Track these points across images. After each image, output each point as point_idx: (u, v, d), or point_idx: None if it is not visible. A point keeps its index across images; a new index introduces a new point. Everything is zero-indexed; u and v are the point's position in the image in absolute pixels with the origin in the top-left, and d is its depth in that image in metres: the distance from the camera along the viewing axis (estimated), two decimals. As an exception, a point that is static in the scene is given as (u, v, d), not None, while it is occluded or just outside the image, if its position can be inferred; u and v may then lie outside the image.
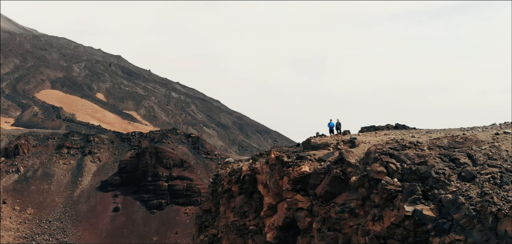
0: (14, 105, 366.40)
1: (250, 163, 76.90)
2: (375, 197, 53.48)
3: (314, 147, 68.85)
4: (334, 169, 59.73)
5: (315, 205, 60.78)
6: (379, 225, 52.38)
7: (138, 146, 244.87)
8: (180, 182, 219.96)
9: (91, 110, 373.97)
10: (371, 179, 54.24)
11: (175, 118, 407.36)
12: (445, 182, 49.29)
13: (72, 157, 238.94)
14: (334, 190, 59.38)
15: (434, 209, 47.89)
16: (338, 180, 59.02)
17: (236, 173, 77.56)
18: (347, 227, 56.39)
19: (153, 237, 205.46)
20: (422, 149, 55.08)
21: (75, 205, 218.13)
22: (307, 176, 62.53)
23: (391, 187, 51.36)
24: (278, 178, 65.58)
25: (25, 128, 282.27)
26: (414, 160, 53.02)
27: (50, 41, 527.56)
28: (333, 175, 59.36)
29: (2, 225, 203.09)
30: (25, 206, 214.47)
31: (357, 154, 60.82)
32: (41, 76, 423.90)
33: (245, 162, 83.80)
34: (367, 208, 55.28)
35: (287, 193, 63.42)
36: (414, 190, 49.39)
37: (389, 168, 53.69)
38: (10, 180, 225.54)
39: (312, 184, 61.99)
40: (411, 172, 51.83)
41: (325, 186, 59.91)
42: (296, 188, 63.10)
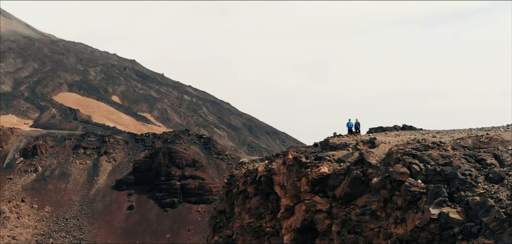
0: (33, 107, 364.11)
1: (266, 164, 72.80)
2: (397, 199, 49.55)
3: (332, 147, 64.74)
4: (354, 170, 55.77)
5: (334, 207, 56.75)
6: (401, 228, 48.22)
7: (152, 146, 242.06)
8: (192, 181, 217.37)
9: (106, 112, 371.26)
10: (393, 180, 50.27)
11: (187, 119, 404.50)
12: (472, 183, 44.91)
13: (88, 157, 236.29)
14: (354, 192, 55.44)
15: (461, 212, 43.46)
16: (358, 182, 55.08)
17: (251, 174, 73.63)
18: (368, 230, 52.40)
19: (166, 234, 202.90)
20: (445, 149, 50.64)
21: (91, 204, 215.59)
22: (326, 177, 58.45)
23: (415, 189, 47.18)
24: (295, 179, 61.47)
25: (43, 129, 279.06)
26: (438, 161, 48.73)
27: (68, 46, 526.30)
28: (353, 176, 55.45)
29: (21, 222, 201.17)
30: (43, 204, 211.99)
31: (377, 155, 56.70)
32: (58, 79, 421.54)
33: (261, 163, 79.81)
34: (389, 211, 51.42)
35: (305, 194, 59.36)
36: (439, 192, 45.03)
37: (412, 169, 49.40)
38: (28, 179, 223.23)
39: (331, 186, 58.10)
40: (435, 173, 47.43)
41: (345, 187, 56.03)
42: (314, 190, 59.04)
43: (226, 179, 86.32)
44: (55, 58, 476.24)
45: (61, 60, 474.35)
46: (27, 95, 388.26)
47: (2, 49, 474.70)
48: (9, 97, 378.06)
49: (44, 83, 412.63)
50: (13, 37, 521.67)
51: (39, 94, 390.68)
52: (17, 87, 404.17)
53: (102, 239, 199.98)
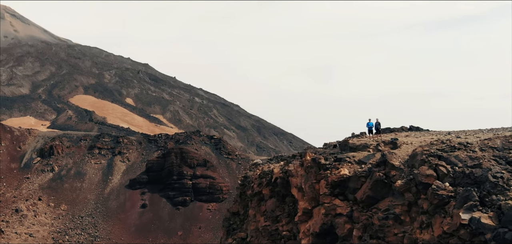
0: (50, 109, 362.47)
1: (282, 166, 67.49)
2: (423, 203, 44.83)
3: (352, 148, 59.77)
4: (376, 172, 51.08)
5: (355, 210, 52.19)
6: (427, 233, 43.68)
7: (164, 147, 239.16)
8: (203, 181, 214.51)
9: (121, 114, 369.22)
10: (419, 183, 45.37)
11: (198, 121, 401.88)
12: (504, 187, 39.99)
13: (103, 157, 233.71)
14: (376, 195, 50.83)
15: (493, 217, 38.60)
16: (380, 184, 50.45)
17: (266, 176, 68.67)
18: (392, 234, 47.65)
19: (178, 232, 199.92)
20: (473, 150, 45.91)
21: (105, 202, 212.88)
22: (347, 179, 53.97)
23: (443, 192, 42.54)
24: (314, 182, 57.06)
25: (59, 130, 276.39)
26: (466, 163, 44.00)
27: (83, 51, 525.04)
28: (375, 178, 50.78)
29: (38, 220, 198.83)
30: (59, 203, 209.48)
31: (400, 156, 52.20)
32: (75, 82, 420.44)
33: (275, 164, 73.84)
34: (413, 215, 46.70)
35: (325, 197, 55.00)
36: (469, 195, 40.28)
37: (439, 171, 44.69)
38: (45, 179, 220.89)
39: (352, 188, 53.50)
40: (464, 176, 42.71)
41: (367, 190, 51.43)
42: (334, 193, 54.56)
43: (240, 180, 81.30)
44: (72, 62, 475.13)
45: (77, 63, 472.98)
46: (45, 97, 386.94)
47: (20, 53, 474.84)
48: (27, 99, 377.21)
49: (61, 86, 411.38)
50: (31, 41, 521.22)
51: (56, 97, 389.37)
52: (35, 89, 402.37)
53: (116, 237, 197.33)
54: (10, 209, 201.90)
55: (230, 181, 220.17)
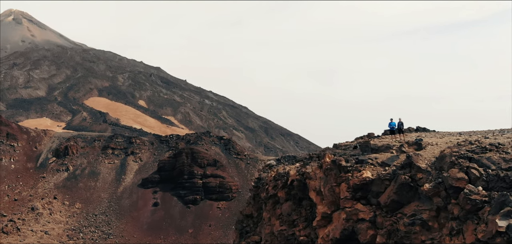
0: (66, 110, 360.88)
1: (299, 167, 61.37)
2: (453, 208, 40.04)
3: (374, 149, 54.62)
4: (401, 175, 45.88)
5: (379, 215, 46.87)
6: (458, 241, 38.89)
7: (176, 147, 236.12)
8: (213, 180, 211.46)
9: (133, 115, 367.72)
10: (449, 187, 40.42)
11: (208, 122, 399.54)
12: (542, 191, 35.25)
13: (116, 157, 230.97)
14: (401, 199, 45.56)
15: (533, 225, 33.79)
16: (406, 188, 45.20)
17: (282, 178, 62.68)
18: (419, 241, 42.69)
19: (189, 229, 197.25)
20: (506, 152, 41.15)
21: (118, 200, 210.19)
22: (369, 182, 48.51)
23: (476, 197, 37.79)
24: (334, 185, 51.54)
25: (74, 131, 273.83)
26: (500, 165, 39.33)
27: (98, 55, 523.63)
28: (400, 181, 45.54)
29: (53, 218, 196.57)
30: (74, 201, 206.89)
31: (426, 158, 47.06)
32: (89, 85, 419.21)
33: (291, 165, 67.59)
34: (442, 220, 41.77)
35: (346, 201, 49.53)
36: (506, 201, 35.42)
37: (470, 174, 39.90)
38: (60, 178, 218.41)
39: (375, 192, 48.16)
40: (498, 179, 38.06)
41: (391, 194, 46.16)
42: (356, 196, 49.03)
43: (253, 182, 75.36)
44: (86, 65, 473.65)
45: (91, 67, 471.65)
46: (60, 99, 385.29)
47: (37, 57, 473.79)
48: (44, 101, 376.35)
49: (76, 89, 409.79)
50: (48, 46, 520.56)
51: (71, 99, 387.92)
52: (51, 92, 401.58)
53: (129, 234, 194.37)
54: (26, 208, 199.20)
55: (239, 180, 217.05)
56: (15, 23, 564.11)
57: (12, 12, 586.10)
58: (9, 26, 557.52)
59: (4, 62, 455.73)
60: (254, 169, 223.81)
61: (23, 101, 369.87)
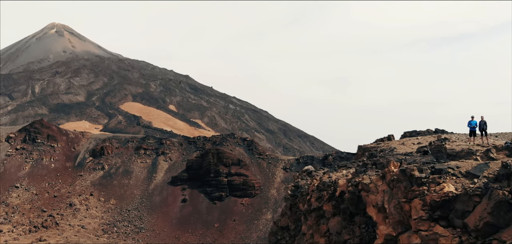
0: (103, 114, 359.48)
1: (350, 177, 46.98)
2: None
3: (450, 155, 42.72)
4: (497, 190, 33.49)
5: (466, 242, 34.22)
6: None
7: (203, 148, 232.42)
8: (237, 178, 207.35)
9: (164, 118, 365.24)
10: None
11: (232, 125, 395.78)
12: None
13: (148, 157, 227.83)
14: (497, 221, 33.09)
15: None
16: (505, 206, 32.80)
17: (328, 188, 49.05)
18: (522, 279, 30.71)
19: (215, 224, 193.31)
20: None
21: (150, 197, 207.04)
22: (453, 199, 35.86)
23: None
24: (403, 201, 38.57)
25: (110, 133, 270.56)
26: None
27: (132, 64, 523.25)
28: (497, 198, 33.13)
29: (89, 213, 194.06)
30: (109, 198, 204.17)
31: (526, 167, 34.43)
32: (124, 91, 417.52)
33: (336, 172, 54.14)
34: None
35: (421, 223, 36.75)
36: None
37: None
38: (96, 176, 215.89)
39: (460, 211, 35.51)
40: None
41: (484, 214, 33.61)
42: (434, 216, 36.44)
43: (290, 190, 59.83)
44: (122, 73, 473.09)
45: (126, 75, 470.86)
46: (98, 104, 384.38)
47: (77, 66, 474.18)
48: (83, 106, 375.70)
49: (112, 94, 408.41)
50: (87, 56, 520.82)
51: (108, 104, 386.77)
52: (89, 97, 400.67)
53: (160, 228, 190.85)
54: (65, 204, 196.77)
55: (261, 178, 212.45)
56: (58, 35, 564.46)
57: (55, 26, 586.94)
58: (52, 38, 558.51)
59: (47, 71, 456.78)
60: (275, 168, 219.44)
61: (64, 106, 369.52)
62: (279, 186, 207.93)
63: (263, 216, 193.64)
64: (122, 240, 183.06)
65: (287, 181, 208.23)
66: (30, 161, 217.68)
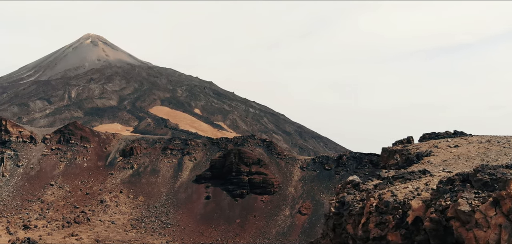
0: (133, 117, 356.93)
1: (429, 198, 29.29)
2: None
3: None
4: None
5: None
6: None
7: (225, 148, 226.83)
8: (258, 176, 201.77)
9: (190, 121, 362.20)
10: None
11: (252, 127, 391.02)
12: None
13: (174, 157, 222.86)
14: None
15: None
16: None
17: (394, 211, 30.89)
18: None
19: (236, 220, 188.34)
20: None
21: (176, 194, 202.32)
22: None
23: None
24: None
25: (139, 134, 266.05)
26: None
27: (160, 71, 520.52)
28: None
29: (119, 209, 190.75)
30: (137, 195, 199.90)
31: None
32: (153, 96, 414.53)
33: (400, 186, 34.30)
34: None
35: None
36: None
37: None
38: (126, 174, 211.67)
39: None
40: None
41: None
42: None
43: (334, 206, 40.08)
44: (151, 80, 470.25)
45: (155, 81, 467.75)
46: (129, 108, 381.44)
47: (110, 73, 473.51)
48: (115, 109, 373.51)
49: (142, 99, 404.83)
50: (119, 64, 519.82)
51: (138, 107, 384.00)
52: (121, 102, 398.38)
53: (184, 223, 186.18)
54: (96, 200, 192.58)
55: (279, 176, 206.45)
56: (92, 45, 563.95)
57: (90, 36, 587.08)
58: (88, 47, 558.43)
59: (83, 77, 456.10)
60: (292, 167, 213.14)
61: (98, 109, 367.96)
62: (296, 184, 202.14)
63: (281, 212, 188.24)
64: (149, 235, 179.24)
65: (304, 179, 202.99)
66: (64, 161, 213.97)
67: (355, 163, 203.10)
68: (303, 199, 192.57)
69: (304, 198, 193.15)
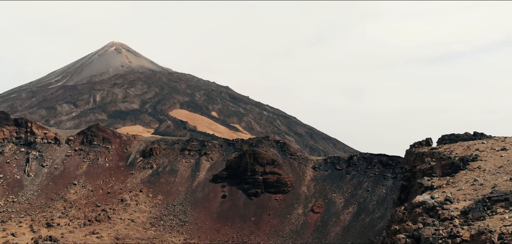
0: (154, 120, 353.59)
1: None
2: None
3: None
4: None
5: None
6: None
7: (240, 149, 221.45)
8: (272, 176, 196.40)
9: (207, 123, 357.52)
10: None
11: (266, 129, 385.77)
12: None
13: (191, 157, 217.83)
14: None
15: None
16: None
17: None
18: None
19: (251, 218, 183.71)
20: None
21: (193, 193, 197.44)
22: None
23: None
24: None
25: (159, 136, 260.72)
26: None
27: (180, 77, 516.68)
28: None
29: (139, 208, 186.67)
30: (156, 194, 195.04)
31: None
32: (173, 100, 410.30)
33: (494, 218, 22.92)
34: None
35: None
36: None
37: None
38: (145, 174, 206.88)
39: None
40: None
41: None
42: None
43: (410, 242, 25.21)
44: (171, 84, 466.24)
45: (175, 86, 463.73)
46: (150, 111, 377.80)
47: (133, 78, 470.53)
48: (137, 112, 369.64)
49: (163, 103, 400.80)
50: (141, 70, 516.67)
51: (159, 110, 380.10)
52: (143, 105, 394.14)
53: (202, 221, 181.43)
54: (117, 199, 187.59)
55: (293, 176, 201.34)
56: (116, 52, 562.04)
57: (114, 44, 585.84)
58: (112, 54, 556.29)
59: (107, 82, 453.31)
60: (305, 167, 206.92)
61: (121, 112, 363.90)
62: (309, 184, 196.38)
63: (295, 211, 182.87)
64: (167, 233, 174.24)
65: (316, 179, 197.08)
66: (87, 161, 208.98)
67: (365, 164, 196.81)
68: (316, 198, 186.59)
69: (317, 197, 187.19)
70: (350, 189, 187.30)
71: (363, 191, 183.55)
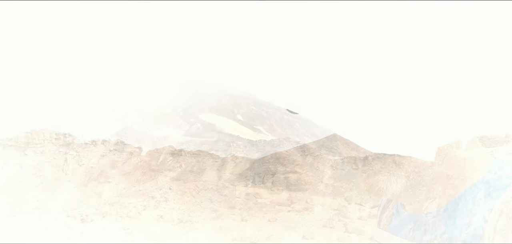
0: (185, 122, 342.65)
1: None
2: None
3: None
4: None
5: None
6: None
7: (263, 149, 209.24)
8: (292, 175, 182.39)
9: (233, 126, 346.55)
10: None
11: (286, 131, 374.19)
12: None
13: (218, 157, 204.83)
14: None
15: None
16: None
17: None
18: None
19: (273, 214, 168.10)
20: None
21: (220, 191, 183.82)
22: None
23: None
24: None
25: (189, 137, 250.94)
26: None
27: (208, 84, 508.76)
28: None
29: (168, 205, 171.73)
30: (185, 192, 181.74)
31: None
32: (202, 104, 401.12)
33: None
34: None
35: None
36: None
37: None
38: (175, 173, 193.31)
39: None
40: None
41: None
42: None
43: None
44: (201, 91, 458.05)
45: (204, 92, 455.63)
46: (182, 114, 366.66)
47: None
48: (171, 116, 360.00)
49: (193, 107, 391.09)
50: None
51: (190, 114, 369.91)
52: (175, 109, 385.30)
53: (226, 218, 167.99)
54: (148, 197, 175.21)
55: (312, 175, 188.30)
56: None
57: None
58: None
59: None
60: (323, 166, 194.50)
61: (154, 115, 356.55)
62: (327, 182, 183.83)
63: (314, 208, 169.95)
64: (195, 229, 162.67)
65: (334, 178, 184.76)
66: (120, 161, 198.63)
67: (380, 163, 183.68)
68: (333, 196, 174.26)
69: (334, 195, 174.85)
70: (366, 188, 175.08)
71: (379, 189, 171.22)
